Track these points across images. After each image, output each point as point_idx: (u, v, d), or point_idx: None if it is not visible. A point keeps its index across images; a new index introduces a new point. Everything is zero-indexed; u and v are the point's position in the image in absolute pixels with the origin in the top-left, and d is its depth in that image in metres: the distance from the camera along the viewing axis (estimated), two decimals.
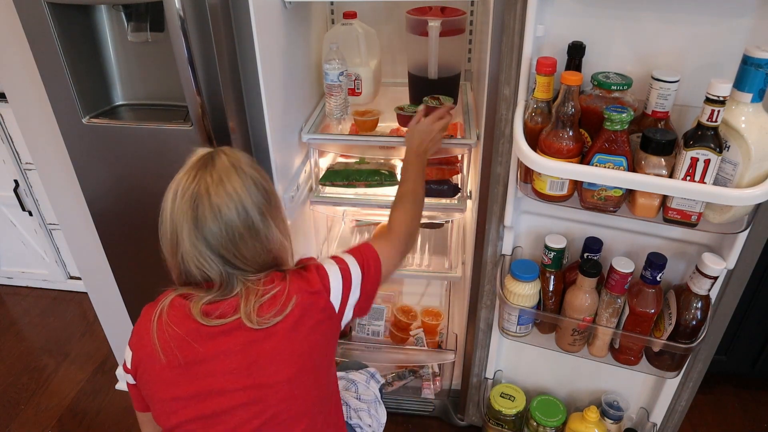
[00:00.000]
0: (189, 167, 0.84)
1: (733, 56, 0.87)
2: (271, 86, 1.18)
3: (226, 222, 0.82)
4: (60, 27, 1.09)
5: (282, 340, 0.84)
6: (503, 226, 1.24)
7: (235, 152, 0.87)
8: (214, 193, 0.81)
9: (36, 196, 2.09)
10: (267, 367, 0.84)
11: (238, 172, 0.84)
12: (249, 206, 0.83)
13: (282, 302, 0.85)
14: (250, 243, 0.85)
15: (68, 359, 2.01)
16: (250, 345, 0.83)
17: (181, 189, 0.82)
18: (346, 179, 1.45)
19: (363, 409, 1.19)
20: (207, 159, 0.85)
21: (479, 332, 1.44)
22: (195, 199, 0.81)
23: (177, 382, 0.85)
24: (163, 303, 0.86)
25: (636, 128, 0.95)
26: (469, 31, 1.59)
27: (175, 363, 0.84)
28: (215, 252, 0.83)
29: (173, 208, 0.83)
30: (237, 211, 0.82)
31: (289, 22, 1.28)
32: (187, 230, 0.82)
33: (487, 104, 1.15)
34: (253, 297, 0.84)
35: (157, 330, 0.85)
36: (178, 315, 0.85)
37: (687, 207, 0.93)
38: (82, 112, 1.18)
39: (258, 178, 0.86)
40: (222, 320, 0.83)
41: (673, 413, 1.36)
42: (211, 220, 0.81)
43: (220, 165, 0.83)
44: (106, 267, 1.43)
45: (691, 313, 1.06)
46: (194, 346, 0.83)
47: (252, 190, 0.84)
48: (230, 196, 0.82)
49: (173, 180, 0.85)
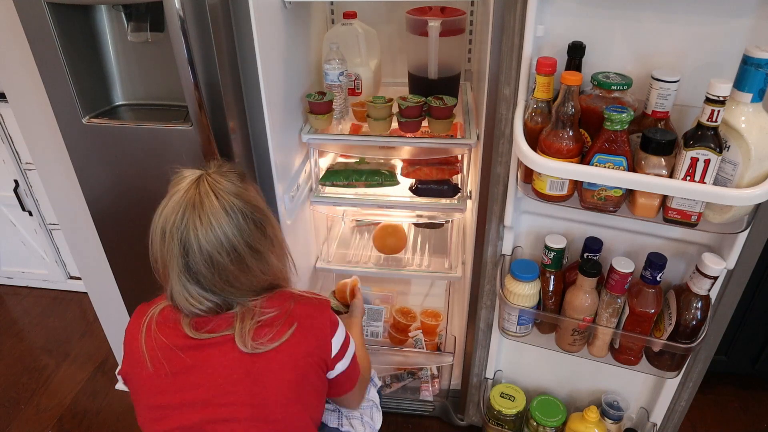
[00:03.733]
0: (176, 202, 0.81)
1: (733, 56, 0.87)
2: (271, 86, 1.18)
3: (217, 266, 0.80)
4: (60, 27, 1.09)
5: (274, 361, 0.83)
6: (503, 226, 1.24)
7: (221, 179, 0.83)
8: (203, 238, 0.79)
9: (36, 196, 2.09)
10: (252, 387, 0.82)
11: (227, 209, 0.81)
12: (240, 247, 0.81)
13: (279, 326, 0.84)
14: (243, 278, 0.84)
15: (68, 359, 2.01)
16: (240, 361, 0.82)
17: (169, 229, 0.80)
18: (346, 179, 1.45)
19: (356, 417, 1.18)
20: (193, 193, 0.81)
21: (479, 332, 1.44)
22: (184, 243, 0.79)
23: (164, 390, 0.84)
24: (154, 310, 0.86)
25: (636, 128, 0.95)
26: (469, 31, 1.58)
27: (162, 372, 0.83)
28: (208, 290, 0.82)
29: (162, 246, 0.81)
30: (228, 255, 0.80)
31: (289, 22, 1.28)
32: (177, 272, 0.81)
33: (487, 104, 1.15)
34: (249, 318, 0.83)
35: (145, 338, 0.84)
36: (168, 325, 0.85)
37: (687, 207, 0.93)
38: (82, 112, 1.18)
39: (247, 210, 0.83)
40: (212, 334, 0.83)
41: (673, 413, 1.36)
42: (201, 264, 0.80)
43: (206, 200, 0.80)
44: (106, 267, 1.43)
45: (691, 313, 1.06)
46: (181, 357, 0.82)
47: (242, 227, 0.81)
48: (220, 241, 0.80)
49: (161, 211, 0.82)
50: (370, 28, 1.52)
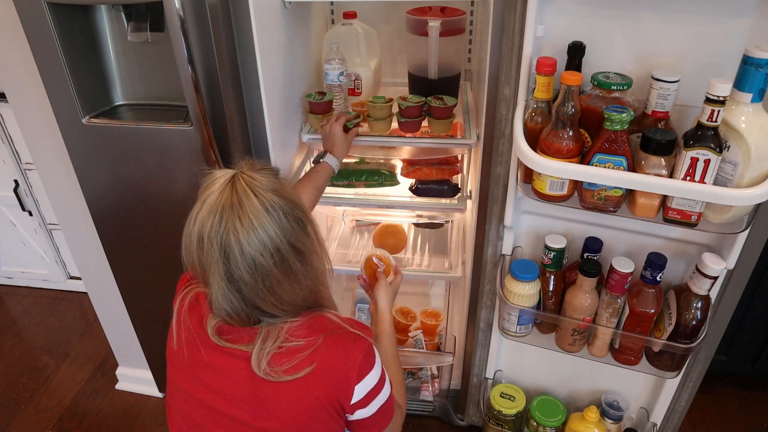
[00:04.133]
0: (212, 204, 0.74)
1: (733, 56, 0.87)
2: (271, 86, 1.18)
3: (261, 272, 0.74)
4: (60, 27, 1.09)
5: (285, 393, 0.78)
6: (503, 226, 1.24)
7: (257, 176, 0.76)
8: (246, 242, 0.72)
9: (36, 196, 2.09)
10: (260, 412, 0.79)
11: (267, 208, 0.74)
12: (284, 247, 0.74)
13: (299, 360, 0.78)
14: (287, 286, 0.77)
15: (68, 359, 2.01)
16: (251, 381, 0.78)
17: (207, 234, 0.73)
18: (346, 179, 1.45)
19: None
20: (230, 194, 0.74)
21: (479, 332, 1.44)
22: (225, 248, 0.73)
23: (179, 368, 0.85)
24: (192, 291, 0.84)
25: (636, 128, 0.95)
26: (469, 31, 1.59)
27: (181, 352, 0.84)
28: (248, 300, 0.76)
29: (200, 253, 0.74)
30: (273, 258, 0.74)
31: (289, 22, 1.28)
32: (219, 280, 0.74)
33: (487, 104, 1.15)
34: (272, 340, 0.78)
35: (177, 313, 0.84)
36: (196, 316, 0.83)
37: (687, 207, 0.93)
38: (82, 112, 1.18)
39: (287, 207, 0.76)
40: (232, 345, 0.79)
41: (673, 413, 1.36)
42: (245, 271, 0.73)
43: (248, 205, 0.73)
44: (106, 267, 1.43)
45: (691, 313, 1.06)
46: (200, 351, 0.82)
47: (284, 225, 0.74)
48: (264, 243, 0.73)
49: (195, 215, 0.75)
50: (370, 28, 1.52)
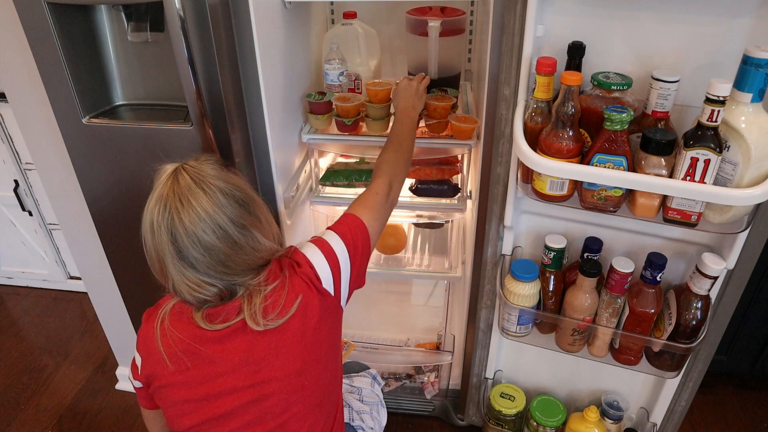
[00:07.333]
0: (158, 195, 0.81)
1: (733, 56, 0.87)
2: (271, 86, 1.18)
3: (206, 246, 0.80)
4: (60, 27, 1.09)
5: (288, 336, 0.85)
6: (503, 226, 1.24)
7: (200, 165, 0.83)
8: (187, 220, 0.79)
9: (36, 196, 2.09)
10: (273, 362, 0.84)
11: (205, 189, 0.80)
12: (224, 223, 0.80)
13: (284, 301, 0.85)
14: (236, 257, 0.83)
15: (68, 359, 2.01)
16: (255, 342, 0.84)
17: (155, 222, 0.80)
18: (346, 179, 1.45)
19: (365, 411, 1.19)
20: (173, 182, 0.81)
21: (479, 332, 1.44)
22: (171, 230, 0.79)
23: (187, 384, 0.85)
24: (164, 309, 0.86)
25: (636, 128, 0.95)
26: (469, 31, 1.58)
27: (183, 367, 0.85)
28: (205, 274, 0.81)
29: (153, 241, 0.81)
30: (214, 232, 0.80)
31: (289, 22, 1.28)
32: (171, 261, 0.81)
33: (487, 104, 1.15)
34: (257, 298, 0.84)
35: (161, 337, 0.85)
36: (181, 321, 0.85)
37: (687, 207, 0.93)
38: (82, 112, 1.18)
39: (228, 188, 0.82)
40: (226, 324, 0.83)
41: (673, 413, 1.36)
42: (191, 247, 0.79)
43: (184, 186, 0.80)
44: (106, 267, 1.43)
45: (691, 313, 1.06)
46: (201, 350, 0.84)
47: (223, 204, 0.81)
48: (202, 218, 0.79)
49: (147, 207, 0.82)
50: (370, 28, 1.52)
